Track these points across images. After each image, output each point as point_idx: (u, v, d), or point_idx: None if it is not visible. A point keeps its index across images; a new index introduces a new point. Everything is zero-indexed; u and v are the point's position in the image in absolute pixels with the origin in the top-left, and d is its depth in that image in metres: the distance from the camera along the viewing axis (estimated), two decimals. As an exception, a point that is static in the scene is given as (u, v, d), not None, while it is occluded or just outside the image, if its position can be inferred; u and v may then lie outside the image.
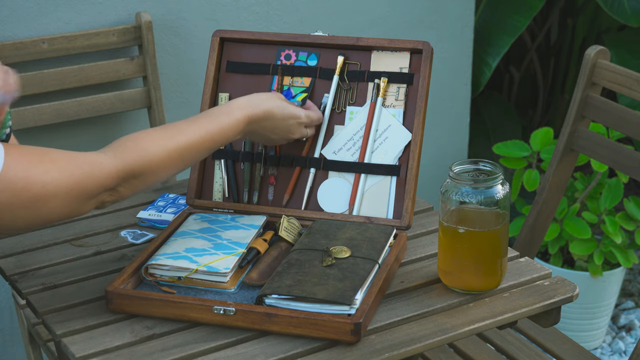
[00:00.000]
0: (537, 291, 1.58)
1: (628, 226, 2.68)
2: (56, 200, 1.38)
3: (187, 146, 1.51)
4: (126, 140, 1.48)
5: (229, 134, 1.57)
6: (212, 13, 2.46)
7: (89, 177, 1.40)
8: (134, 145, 1.47)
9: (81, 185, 1.40)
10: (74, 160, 1.41)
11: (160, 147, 1.48)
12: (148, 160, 1.47)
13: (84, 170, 1.40)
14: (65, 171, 1.39)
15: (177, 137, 1.51)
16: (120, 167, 1.44)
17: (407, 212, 1.69)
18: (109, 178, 1.42)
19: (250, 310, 1.46)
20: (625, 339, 2.94)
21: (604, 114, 2.10)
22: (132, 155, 1.45)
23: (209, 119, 1.56)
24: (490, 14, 3.04)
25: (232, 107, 1.59)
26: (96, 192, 1.42)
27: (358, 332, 1.42)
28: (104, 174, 1.42)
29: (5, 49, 2.20)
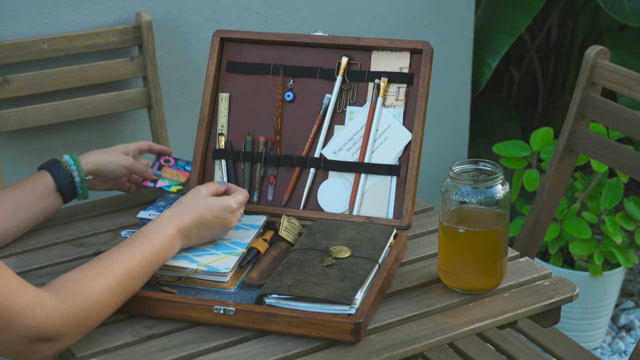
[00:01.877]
0: (537, 291, 1.58)
1: (628, 226, 2.68)
2: None
3: (126, 277, 1.43)
4: (67, 281, 1.38)
5: (165, 253, 1.51)
6: (212, 13, 2.46)
7: (29, 312, 1.30)
8: (76, 286, 1.37)
9: (19, 318, 1.29)
10: (23, 288, 1.31)
11: (101, 284, 1.39)
12: (92, 301, 1.38)
13: (28, 303, 1.30)
14: (9, 293, 1.29)
15: (116, 270, 1.42)
16: (64, 312, 1.34)
17: (407, 212, 1.69)
18: (50, 323, 1.32)
19: (250, 310, 1.46)
20: (625, 339, 2.94)
21: (604, 114, 2.10)
22: (76, 298, 1.36)
23: (142, 241, 1.48)
24: (490, 14, 3.04)
25: (161, 225, 1.52)
26: (31, 335, 1.31)
27: (358, 332, 1.42)
28: (46, 317, 1.32)
29: (5, 49, 2.20)
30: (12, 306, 1.29)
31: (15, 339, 1.31)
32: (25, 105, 2.26)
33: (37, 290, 1.34)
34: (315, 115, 1.78)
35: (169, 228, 1.53)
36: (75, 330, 1.37)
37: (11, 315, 1.29)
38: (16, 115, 2.24)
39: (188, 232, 1.56)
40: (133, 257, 1.46)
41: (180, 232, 1.54)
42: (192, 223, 1.56)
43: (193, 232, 1.56)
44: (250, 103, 1.80)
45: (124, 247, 1.47)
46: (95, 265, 1.42)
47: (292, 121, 1.79)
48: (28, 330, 1.31)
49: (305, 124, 1.78)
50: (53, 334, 1.33)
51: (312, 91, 1.79)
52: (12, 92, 2.22)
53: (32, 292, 1.32)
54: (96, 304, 1.39)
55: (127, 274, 1.44)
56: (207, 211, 1.58)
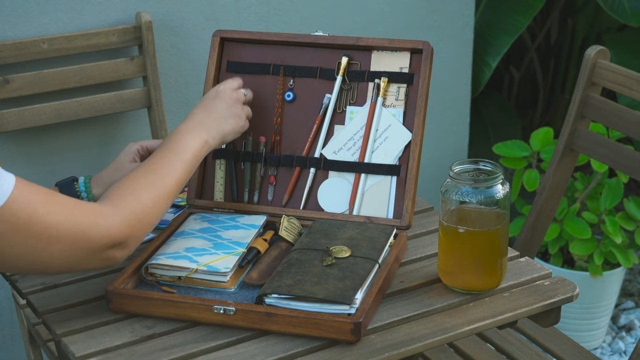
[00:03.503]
0: (537, 291, 1.58)
1: (628, 226, 2.68)
2: (59, 245, 1.36)
3: (172, 182, 1.52)
4: (121, 191, 1.46)
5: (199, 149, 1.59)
6: (212, 13, 2.46)
7: (95, 226, 1.39)
8: (129, 193, 1.45)
9: (87, 234, 1.38)
10: (82, 207, 1.39)
11: (152, 190, 1.48)
12: (145, 202, 1.46)
13: (91, 220, 1.38)
14: (71, 216, 1.37)
15: (163, 174, 1.51)
16: (125, 218, 1.42)
17: (407, 212, 1.69)
18: (117, 230, 1.41)
19: (250, 310, 1.46)
20: (625, 339, 2.95)
21: (604, 114, 2.10)
22: (132, 203, 1.44)
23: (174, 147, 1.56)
24: (490, 14, 3.04)
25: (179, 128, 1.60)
26: (102, 245, 1.40)
27: (358, 332, 1.42)
28: (112, 226, 1.40)
29: (5, 49, 2.20)
30: (77, 227, 1.37)
31: (89, 253, 1.40)
32: (25, 105, 2.26)
33: (95, 205, 1.42)
34: (315, 115, 1.78)
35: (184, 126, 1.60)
36: (139, 230, 1.45)
37: (79, 235, 1.37)
38: (16, 115, 2.24)
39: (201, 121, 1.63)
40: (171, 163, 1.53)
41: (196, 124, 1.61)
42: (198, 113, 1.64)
43: (205, 118, 1.64)
44: (250, 103, 1.80)
45: (161, 156, 1.54)
46: (141, 176, 1.50)
47: (292, 121, 1.79)
48: (98, 242, 1.39)
49: (305, 123, 1.78)
50: (121, 238, 1.42)
51: (312, 91, 1.79)
52: (12, 92, 2.22)
53: (92, 208, 1.40)
54: (150, 204, 1.47)
55: (170, 179, 1.52)
56: (201, 100, 1.67)
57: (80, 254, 1.39)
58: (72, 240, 1.37)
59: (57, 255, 1.37)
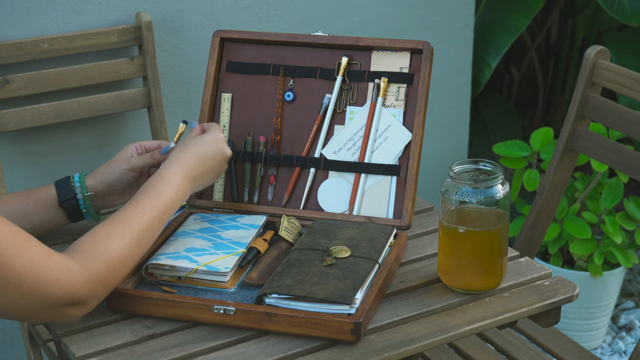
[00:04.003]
0: (537, 291, 1.58)
1: (628, 226, 2.68)
2: (17, 291, 1.33)
3: (142, 233, 1.47)
4: (86, 245, 1.42)
5: (175, 201, 1.54)
6: (212, 13, 2.46)
7: (56, 281, 1.35)
8: (95, 249, 1.41)
9: (46, 288, 1.34)
10: (48, 258, 1.35)
11: (118, 243, 1.44)
12: (112, 261, 1.42)
13: (54, 273, 1.35)
14: (35, 265, 1.33)
15: (131, 227, 1.46)
16: (88, 277, 1.38)
17: (407, 212, 1.69)
18: (78, 288, 1.37)
19: (250, 310, 1.46)
20: (625, 339, 2.95)
21: (604, 114, 2.10)
22: (97, 261, 1.40)
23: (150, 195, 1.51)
24: (490, 14, 3.04)
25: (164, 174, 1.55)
26: (60, 302, 1.36)
27: (358, 332, 1.42)
28: (73, 284, 1.36)
29: (5, 49, 2.20)
30: (39, 278, 1.34)
31: (44, 307, 1.36)
32: (25, 105, 2.26)
33: (61, 257, 1.37)
34: (315, 115, 1.78)
35: (173, 174, 1.56)
36: (100, 291, 1.41)
37: (39, 286, 1.34)
38: (16, 115, 2.24)
39: (191, 172, 1.58)
40: (145, 212, 1.49)
41: (184, 175, 1.57)
42: (192, 161, 1.59)
43: (195, 170, 1.59)
44: (250, 103, 1.80)
45: (135, 203, 1.50)
46: (110, 225, 1.45)
47: (292, 121, 1.79)
48: (56, 298, 1.36)
49: (305, 124, 1.78)
50: (81, 298, 1.38)
51: (312, 91, 1.79)
52: (12, 92, 2.22)
53: (58, 261, 1.36)
54: (116, 263, 1.43)
55: (142, 229, 1.48)
56: (201, 146, 1.62)
57: (37, 306, 1.36)
58: (31, 290, 1.34)
59: (13, 301, 1.34)
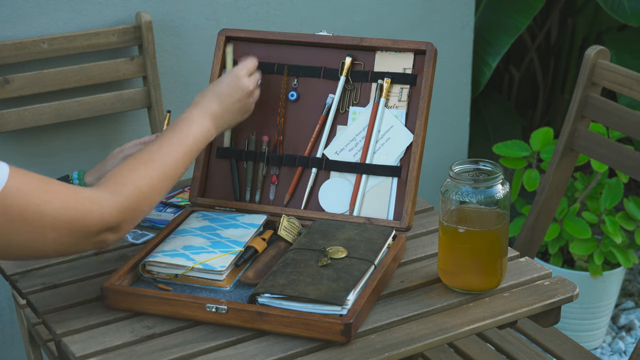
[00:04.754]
0: (537, 291, 1.58)
1: (628, 226, 2.68)
2: (54, 233, 1.38)
3: (169, 167, 1.53)
4: (117, 177, 1.47)
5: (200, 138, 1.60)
6: (212, 13, 2.46)
7: (90, 213, 1.40)
8: (125, 179, 1.46)
9: (81, 221, 1.39)
10: (76, 194, 1.40)
11: (149, 178, 1.49)
12: (141, 187, 1.47)
13: (85, 207, 1.40)
14: (65, 204, 1.38)
15: (157, 162, 1.52)
16: (119, 204, 1.43)
17: (407, 214, 1.69)
18: (110, 216, 1.42)
19: (242, 309, 1.46)
20: (625, 339, 2.94)
21: (604, 114, 2.10)
22: (127, 189, 1.45)
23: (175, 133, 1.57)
24: (490, 14, 3.04)
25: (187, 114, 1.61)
26: (96, 230, 1.41)
27: (348, 333, 1.42)
28: (105, 212, 1.41)
29: (5, 49, 2.20)
30: (72, 214, 1.39)
31: (82, 238, 1.41)
32: (25, 105, 2.26)
33: (90, 191, 1.43)
34: (318, 115, 1.78)
35: (193, 113, 1.61)
36: (132, 215, 1.46)
37: (74, 221, 1.39)
38: (16, 115, 2.24)
39: (210, 110, 1.63)
40: (170, 148, 1.54)
41: (204, 113, 1.62)
42: (211, 100, 1.64)
43: (216, 108, 1.64)
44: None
45: (159, 142, 1.55)
46: (140, 159, 1.51)
47: (296, 121, 1.79)
48: (92, 228, 1.41)
49: (308, 123, 1.78)
50: (114, 224, 1.43)
51: (315, 91, 1.79)
52: (12, 92, 2.22)
53: (87, 195, 1.41)
54: (146, 191, 1.48)
55: (171, 163, 1.53)
56: (218, 85, 1.66)
57: (74, 239, 1.41)
58: (67, 228, 1.39)
59: (52, 242, 1.39)
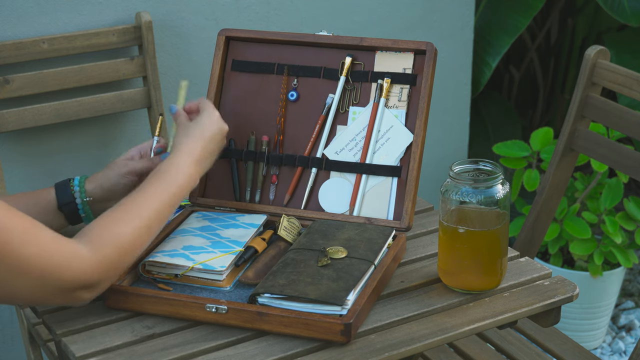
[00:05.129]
0: (537, 291, 1.58)
1: (628, 226, 2.68)
2: (28, 278, 1.35)
3: (153, 217, 1.49)
4: (97, 229, 1.43)
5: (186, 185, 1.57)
6: (212, 13, 2.46)
7: (67, 268, 1.37)
8: (107, 233, 1.43)
9: (58, 274, 1.36)
10: (58, 244, 1.37)
11: (130, 228, 1.45)
12: (122, 245, 1.44)
13: (64, 259, 1.37)
14: (44, 252, 1.35)
15: (141, 212, 1.48)
16: (99, 261, 1.40)
17: (407, 214, 1.69)
18: (89, 275, 1.39)
19: (242, 309, 1.46)
20: (625, 339, 2.95)
21: (604, 114, 2.10)
22: (108, 246, 1.42)
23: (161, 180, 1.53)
24: (490, 14, 3.04)
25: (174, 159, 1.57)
26: (71, 287, 1.38)
27: (348, 333, 1.42)
28: (84, 270, 1.38)
29: (5, 49, 2.20)
30: (49, 265, 1.35)
31: (55, 292, 1.38)
32: (25, 105, 2.26)
33: (71, 243, 1.39)
34: (318, 115, 1.78)
35: (182, 160, 1.58)
36: (111, 274, 1.43)
37: (50, 273, 1.36)
38: (16, 115, 2.24)
39: (197, 156, 1.60)
40: (155, 197, 1.51)
41: (192, 160, 1.59)
42: (198, 146, 1.61)
43: (202, 154, 1.61)
44: (254, 102, 1.80)
45: (144, 189, 1.52)
46: (120, 210, 1.47)
47: (295, 121, 1.79)
48: (67, 283, 1.38)
49: (308, 123, 1.78)
50: (92, 282, 1.40)
51: (315, 91, 1.79)
52: (12, 92, 2.22)
53: (68, 247, 1.38)
54: (127, 246, 1.44)
55: (152, 214, 1.49)
56: (203, 129, 1.63)
57: (48, 291, 1.37)
58: (42, 277, 1.35)
59: (25, 288, 1.36)
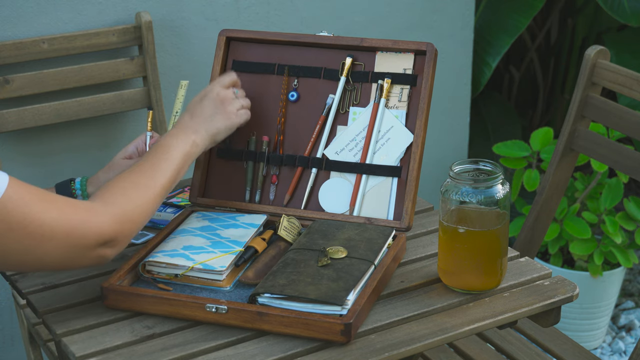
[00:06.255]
0: (537, 291, 1.58)
1: (628, 226, 2.68)
2: (52, 242, 1.38)
3: (164, 185, 1.54)
4: (113, 189, 1.48)
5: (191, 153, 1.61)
6: (212, 13, 2.46)
7: (86, 223, 1.41)
8: (123, 192, 1.48)
9: (78, 231, 1.40)
10: (73, 205, 1.41)
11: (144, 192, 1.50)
12: (135, 200, 1.48)
13: (82, 217, 1.41)
14: (63, 214, 1.39)
15: (156, 180, 1.53)
16: (116, 214, 1.44)
17: (407, 214, 1.69)
18: (107, 227, 1.42)
19: (242, 309, 1.46)
20: (625, 339, 2.95)
21: (604, 114, 2.10)
22: (124, 201, 1.47)
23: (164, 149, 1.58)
24: (490, 14, 3.04)
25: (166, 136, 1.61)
26: (93, 243, 1.42)
27: (348, 333, 1.42)
28: (102, 223, 1.42)
29: (5, 49, 2.20)
30: (69, 224, 1.39)
31: (81, 250, 1.42)
32: (25, 105, 2.26)
33: (87, 203, 1.44)
34: (318, 115, 1.78)
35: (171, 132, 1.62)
36: (128, 228, 1.46)
37: (71, 232, 1.39)
38: (16, 115, 2.24)
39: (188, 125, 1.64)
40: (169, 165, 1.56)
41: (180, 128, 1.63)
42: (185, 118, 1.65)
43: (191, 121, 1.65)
44: (254, 102, 1.80)
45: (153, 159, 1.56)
46: (133, 173, 1.52)
47: (296, 121, 1.79)
48: (89, 239, 1.41)
49: (309, 124, 1.78)
50: (111, 236, 1.43)
51: (316, 91, 1.79)
52: (12, 92, 2.22)
53: (83, 206, 1.42)
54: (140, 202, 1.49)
55: (165, 182, 1.54)
56: (193, 101, 1.68)
57: (73, 251, 1.41)
58: (65, 238, 1.39)
59: (51, 252, 1.39)
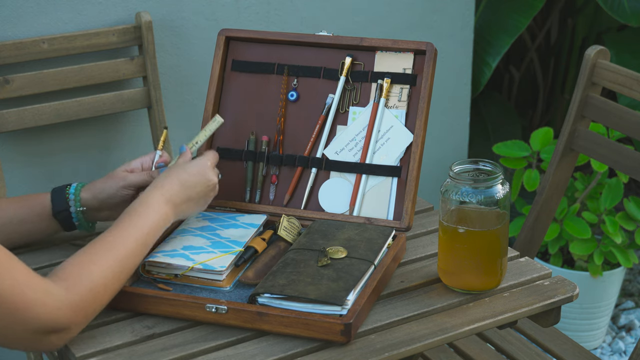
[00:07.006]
0: (537, 291, 1.58)
1: (628, 226, 2.68)
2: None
3: (126, 257, 1.45)
4: (71, 268, 1.39)
5: (159, 225, 1.52)
6: (212, 13, 2.46)
7: (41, 305, 1.31)
8: (81, 273, 1.38)
9: (30, 310, 1.30)
10: (32, 280, 1.32)
11: (104, 267, 1.41)
12: (97, 286, 1.39)
13: (37, 296, 1.31)
14: (17, 287, 1.30)
15: (116, 251, 1.44)
16: (73, 302, 1.35)
17: (407, 214, 1.69)
18: (61, 312, 1.33)
19: (242, 309, 1.46)
20: (625, 339, 2.95)
21: (604, 114, 2.10)
22: (83, 286, 1.37)
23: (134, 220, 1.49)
24: (490, 14, 3.04)
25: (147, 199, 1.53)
26: (42, 327, 1.32)
27: (348, 333, 1.42)
28: (57, 307, 1.33)
29: (5, 49, 2.20)
30: (22, 301, 1.30)
31: (26, 331, 1.32)
32: (25, 105, 2.26)
33: (45, 281, 1.34)
34: (318, 115, 1.78)
35: (154, 198, 1.54)
36: (83, 318, 1.38)
37: (22, 309, 1.30)
38: (16, 115, 2.24)
39: (172, 198, 1.56)
40: (129, 235, 1.47)
41: (166, 199, 1.55)
42: (174, 187, 1.57)
43: (178, 197, 1.56)
44: (254, 102, 1.80)
45: (119, 227, 1.48)
46: (94, 250, 1.43)
47: (295, 121, 1.79)
48: (40, 323, 1.32)
49: (308, 123, 1.79)
50: (64, 324, 1.35)
51: (315, 91, 1.79)
52: (12, 92, 2.22)
53: (41, 285, 1.33)
54: (101, 288, 1.40)
55: (127, 253, 1.46)
56: (184, 173, 1.59)
57: (18, 330, 1.31)
58: (12, 312, 1.30)
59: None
